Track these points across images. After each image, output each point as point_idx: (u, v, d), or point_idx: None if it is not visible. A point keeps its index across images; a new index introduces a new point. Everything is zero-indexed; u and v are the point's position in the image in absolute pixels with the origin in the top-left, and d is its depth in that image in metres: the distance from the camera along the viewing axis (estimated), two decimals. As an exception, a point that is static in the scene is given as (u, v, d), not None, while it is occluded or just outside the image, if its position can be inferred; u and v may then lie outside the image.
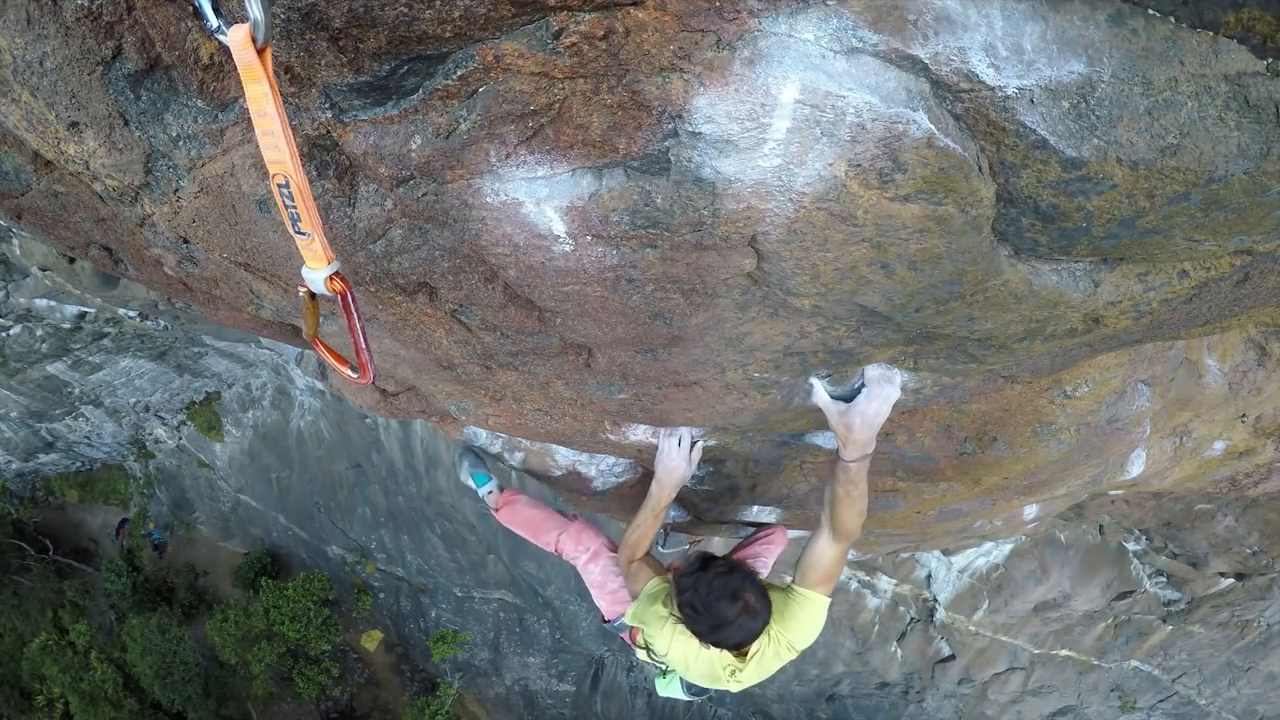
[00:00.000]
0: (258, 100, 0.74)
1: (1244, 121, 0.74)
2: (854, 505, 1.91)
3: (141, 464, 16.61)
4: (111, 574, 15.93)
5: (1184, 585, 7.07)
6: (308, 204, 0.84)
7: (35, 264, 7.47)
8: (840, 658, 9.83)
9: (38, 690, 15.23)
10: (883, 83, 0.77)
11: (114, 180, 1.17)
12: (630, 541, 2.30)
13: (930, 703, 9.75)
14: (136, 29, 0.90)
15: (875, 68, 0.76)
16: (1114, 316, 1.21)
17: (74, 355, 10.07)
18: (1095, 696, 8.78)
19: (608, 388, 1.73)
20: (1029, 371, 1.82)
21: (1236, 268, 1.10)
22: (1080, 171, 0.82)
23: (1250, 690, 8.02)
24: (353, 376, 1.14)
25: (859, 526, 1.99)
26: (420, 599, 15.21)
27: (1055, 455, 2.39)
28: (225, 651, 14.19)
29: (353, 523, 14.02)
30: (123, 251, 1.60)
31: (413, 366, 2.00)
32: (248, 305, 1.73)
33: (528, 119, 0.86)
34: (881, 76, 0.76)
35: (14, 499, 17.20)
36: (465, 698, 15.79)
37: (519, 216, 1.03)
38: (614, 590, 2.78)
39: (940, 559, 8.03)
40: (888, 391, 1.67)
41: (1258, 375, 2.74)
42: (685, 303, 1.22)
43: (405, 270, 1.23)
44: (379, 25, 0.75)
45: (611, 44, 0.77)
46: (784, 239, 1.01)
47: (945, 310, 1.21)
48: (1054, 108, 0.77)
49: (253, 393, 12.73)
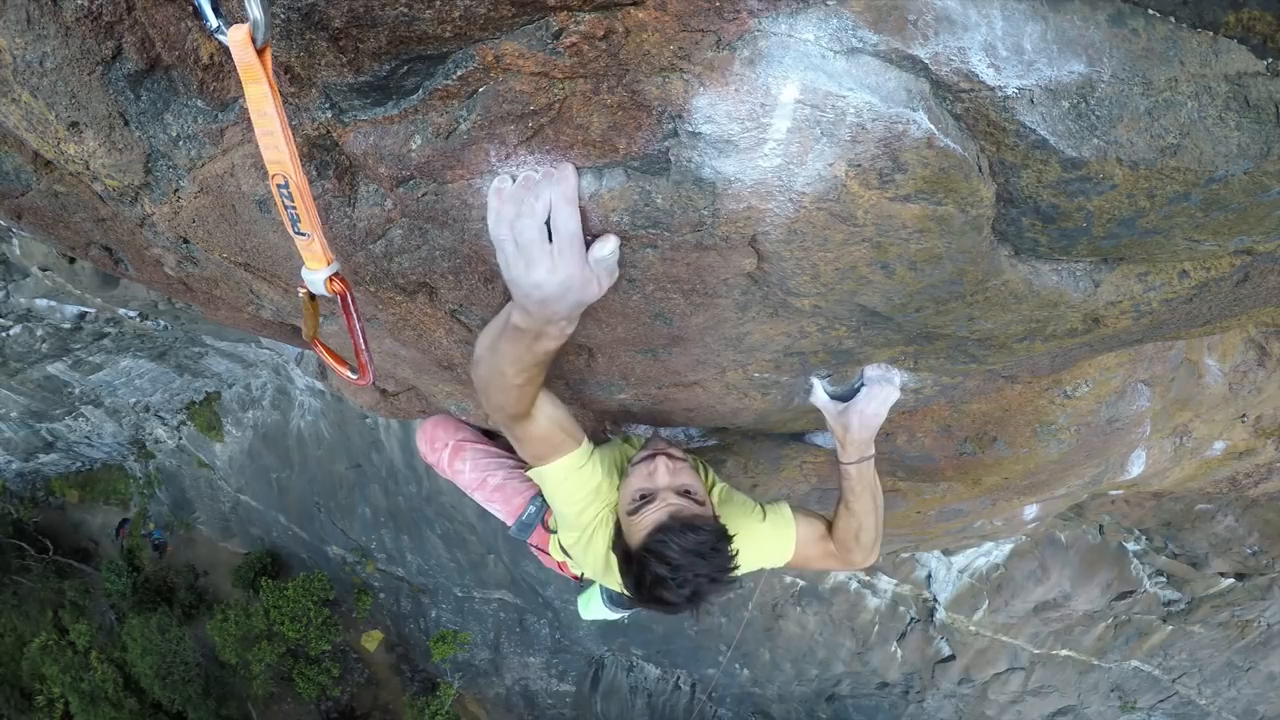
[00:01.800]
0: (257, 100, 0.74)
1: (1244, 121, 0.74)
2: (854, 518, 1.73)
3: (141, 464, 16.61)
4: (111, 574, 15.94)
5: (1184, 585, 7.07)
6: (307, 204, 0.84)
7: (35, 264, 7.47)
8: (840, 658, 9.84)
9: (38, 690, 15.23)
10: (883, 83, 0.77)
11: (114, 180, 1.17)
12: (493, 391, 1.30)
13: (930, 703, 9.75)
14: (136, 29, 0.90)
15: (875, 68, 0.76)
16: (1114, 316, 1.21)
17: (74, 355, 10.07)
18: (1095, 696, 8.78)
19: (608, 388, 1.73)
20: (1029, 371, 1.82)
21: (1236, 268, 1.10)
22: (1080, 171, 0.82)
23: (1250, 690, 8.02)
24: (352, 378, 1.14)
25: (864, 543, 1.75)
26: (420, 599, 15.21)
27: (1055, 455, 2.39)
28: (225, 651, 14.20)
29: (353, 523, 14.02)
30: (123, 251, 1.60)
31: (413, 366, 2.00)
32: (248, 305, 1.73)
33: (528, 119, 0.86)
34: (881, 76, 0.76)
35: (14, 499, 17.20)
36: (465, 698, 15.79)
37: (519, 216, 1.03)
38: (499, 484, 2.20)
39: (940, 559, 8.03)
40: (887, 392, 1.60)
41: (1258, 375, 2.74)
42: (685, 303, 1.22)
43: (405, 270, 1.23)
44: (379, 25, 0.75)
45: (611, 44, 0.77)
46: (784, 239, 1.01)
47: (945, 310, 1.21)
48: (1054, 108, 0.76)
49: (253, 393, 12.73)
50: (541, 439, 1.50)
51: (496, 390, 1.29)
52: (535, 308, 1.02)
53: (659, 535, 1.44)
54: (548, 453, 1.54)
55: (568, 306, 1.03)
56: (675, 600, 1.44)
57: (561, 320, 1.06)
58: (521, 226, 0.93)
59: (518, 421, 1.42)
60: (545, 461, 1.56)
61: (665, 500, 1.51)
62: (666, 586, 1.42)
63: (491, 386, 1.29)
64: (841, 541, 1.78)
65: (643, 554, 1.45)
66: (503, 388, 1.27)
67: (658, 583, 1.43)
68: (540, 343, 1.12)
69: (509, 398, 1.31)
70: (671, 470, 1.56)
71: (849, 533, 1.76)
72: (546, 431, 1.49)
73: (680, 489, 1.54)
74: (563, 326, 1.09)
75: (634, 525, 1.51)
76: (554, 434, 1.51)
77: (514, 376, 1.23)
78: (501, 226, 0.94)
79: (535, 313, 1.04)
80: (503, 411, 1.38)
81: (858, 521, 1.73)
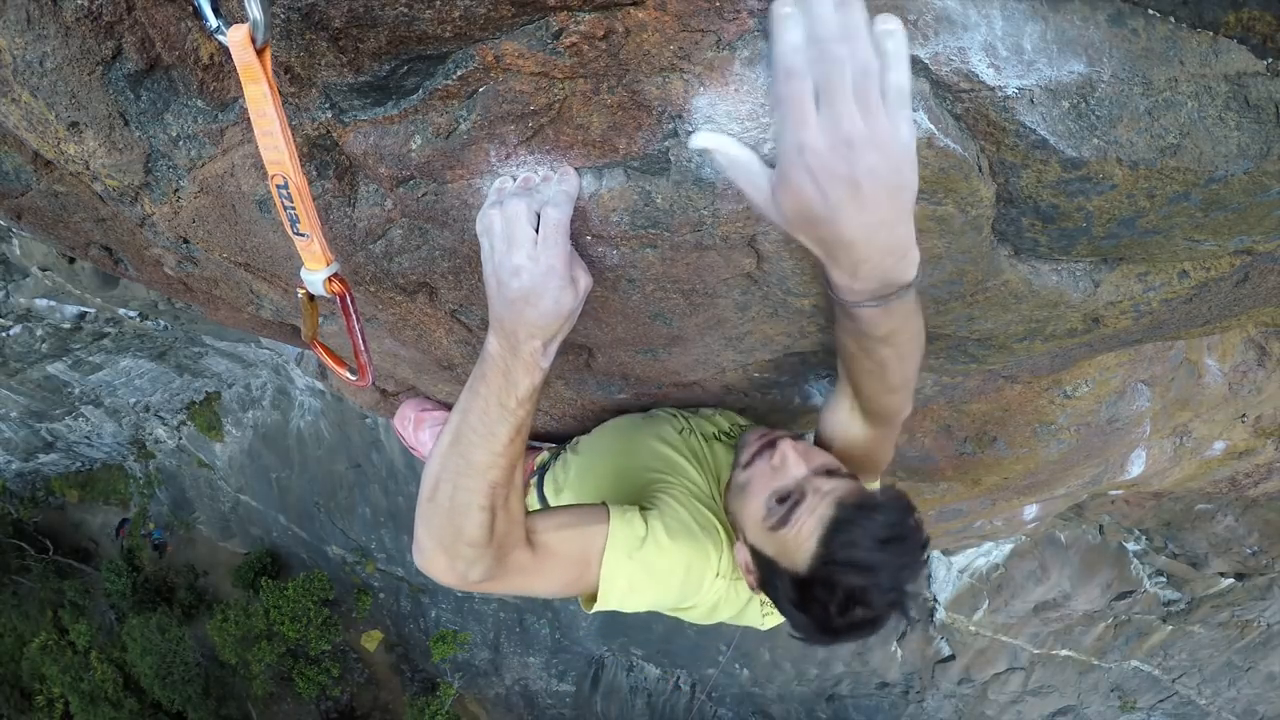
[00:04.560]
0: (257, 100, 0.74)
1: (1244, 121, 0.74)
2: (875, 379, 1.10)
3: (141, 464, 16.61)
4: (111, 574, 15.94)
5: (1184, 585, 7.07)
6: (306, 205, 0.84)
7: (35, 264, 7.47)
8: (840, 658, 9.83)
9: (38, 690, 15.24)
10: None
11: (114, 180, 1.17)
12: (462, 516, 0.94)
13: (930, 703, 9.75)
14: (136, 29, 0.90)
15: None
16: (1114, 316, 1.21)
17: (74, 355, 10.06)
18: (1095, 696, 8.78)
19: (608, 388, 1.73)
20: (1029, 371, 1.82)
21: (1236, 268, 1.10)
22: (1080, 171, 0.82)
23: (1250, 690, 8.02)
24: (351, 379, 1.14)
25: (902, 401, 1.18)
26: (420, 599, 15.21)
27: (1055, 455, 2.39)
28: (225, 651, 14.20)
29: (353, 523, 14.02)
30: (123, 251, 1.60)
31: (413, 366, 2.00)
32: (248, 305, 1.73)
33: (528, 119, 0.86)
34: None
35: (14, 499, 17.20)
36: (465, 698, 15.79)
37: (519, 216, 1.02)
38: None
39: (940, 559, 8.02)
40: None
41: (1258, 375, 2.74)
42: (685, 303, 1.22)
43: (405, 270, 1.23)
44: (379, 25, 0.75)
45: (611, 44, 0.77)
46: (784, 239, 1.01)
47: (945, 310, 1.21)
48: (1054, 108, 0.76)
49: (253, 393, 12.73)
50: (560, 553, 1.08)
51: (465, 513, 0.93)
52: (510, 311, 0.88)
53: (838, 536, 1.08)
54: (582, 564, 1.10)
55: (544, 314, 0.88)
56: (880, 612, 1.07)
57: (537, 338, 0.90)
58: (511, 208, 0.86)
59: (510, 559, 1.00)
60: (592, 578, 1.11)
61: (817, 490, 1.14)
62: (868, 599, 1.06)
63: (458, 511, 0.93)
64: (885, 411, 1.20)
65: (825, 570, 1.08)
66: (473, 500, 0.92)
67: (854, 599, 1.06)
68: (513, 376, 0.91)
69: (484, 520, 0.93)
70: (802, 452, 1.21)
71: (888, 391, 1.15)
72: (557, 537, 1.08)
73: (822, 470, 1.19)
74: (536, 350, 0.91)
75: (789, 542, 1.12)
76: (568, 532, 1.10)
77: (489, 470, 0.92)
78: (491, 210, 0.88)
79: (509, 319, 0.89)
80: (485, 551, 0.96)
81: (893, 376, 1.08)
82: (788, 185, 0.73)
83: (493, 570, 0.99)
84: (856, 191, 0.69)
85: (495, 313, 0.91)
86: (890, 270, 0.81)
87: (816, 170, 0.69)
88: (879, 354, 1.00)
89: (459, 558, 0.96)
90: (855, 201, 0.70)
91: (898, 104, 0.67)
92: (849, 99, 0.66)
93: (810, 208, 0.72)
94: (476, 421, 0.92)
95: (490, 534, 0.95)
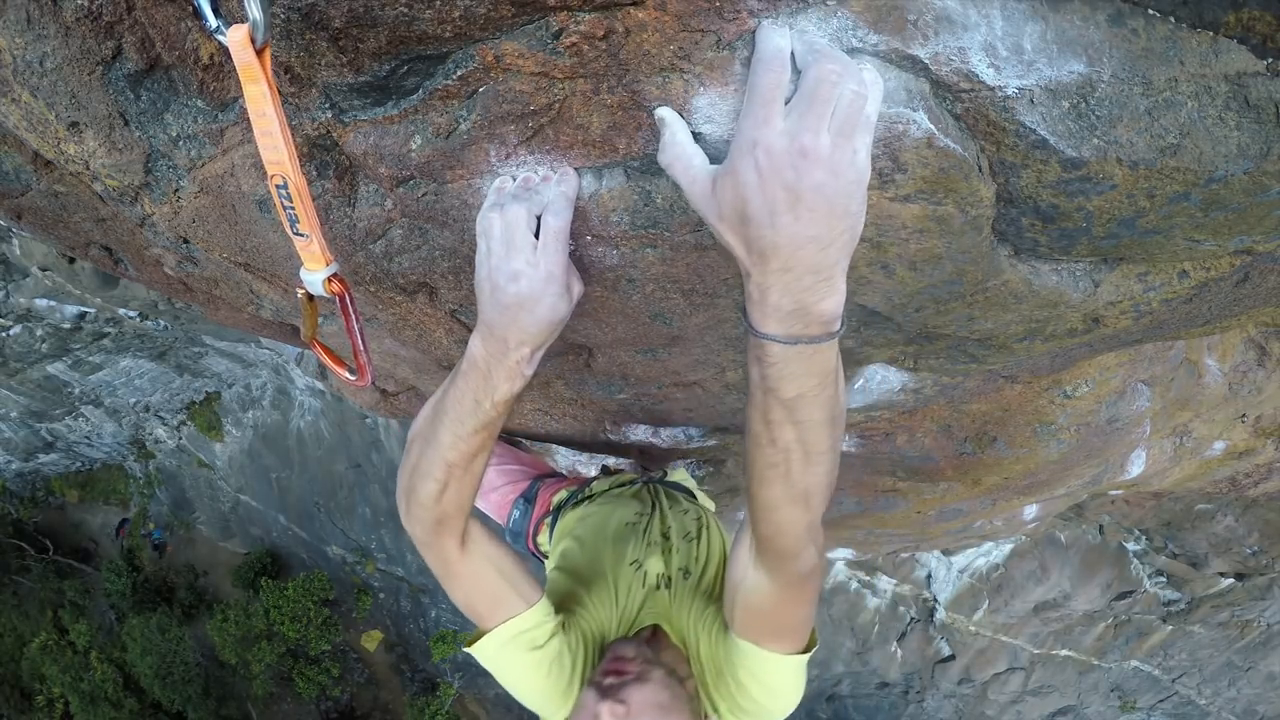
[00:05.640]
0: (256, 101, 0.74)
1: (1244, 121, 0.74)
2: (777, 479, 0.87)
3: (141, 464, 16.62)
4: (111, 574, 15.96)
5: (1184, 585, 7.07)
6: (306, 205, 0.84)
7: (35, 264, 7.47)
8: (840, 658, 9.84)
9: (38, 690, 15.25)
10: (883, 83, 0.77)
11: (114, 180, 1.17)
12: (419, 480, 1.06)
13: (930, 703, 9.75)
14: (136, 29, 0.90)
15: (875, 68, 0.76)
16: (1114, 316, 1.21)
17: (74, 355, 10.07)
18: (1095, 696, 8.79)
19: (608, 387, 1.73)
20: (1029, 371, 1.82)
21: (1236, 268, 1.10)
22: (1080, 171, 0.82)
23: (1250, 690, 8.02)
24: (351, 379, 1.14)
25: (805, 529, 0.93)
26: (420, 599, 15.21)
27: (1055, 455, 2.39)
28: (225, 651, 14.21)
29: (353, 523, 14.03)
30: (123, 251, 1.60)
31: (413, 366, 2.00)
32: (248, 305, 1.73)
33: (528, 119, 0.86)
34: (882, 76, 0.76)
35: (14, 499, 17.22)
36: (465, 698, 15.79)
37: (519, 216, 1.02)
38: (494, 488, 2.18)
39: (940, 559, 8.03)
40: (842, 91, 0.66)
41: (1258, 375, 2.74)
42: (685, 303, 1.22)
43: (405, 270, 1.23)
44: (379, 25, 0.75)
45: (611, 44, 0.77)
46: (784, 239, 1.01)
47: (945, 310, 1.21)
48: (1054, 108, 0.76)
49: (253, 393, 12.73)
50: (478, 580, 1.18)
51: (423, 478, 1.04)
52: (504, 316, 0.88)
53: None
54: (488, 608, 1.20)
55: (538, 320, 0.88)
56: None
57: (526, 345, 0.90)
58: (511, 213, 0.86)
59: (444, 537, 1.11)
60: (484, 626, 1.22)
61: None
62: None
63: (419, 473, 1.04)
64: (767, 540, 0.97)
65: None
66: (431, 470, 1.02)
67: None
68: (493, 381, 0.93)
69: (434, 489, 1.04)
70: None
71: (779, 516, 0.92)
72: (479, 573, 1.17)
73: None
74: (523, 357, 0.91)
75: None
76: (491, 580, 1.18)
77: (449, 450, 1.00)
78: (491, 212, 0.88)
79: (500, 324, 0.88)
80: (428, 514, 1.07)
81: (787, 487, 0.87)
82: (733, 176, 0.70)
83: (427, 538, 1.11)
84: (797, 202, 0.67)
85: (486, 317, 0.90)
86: (809, 293, 0.71)
87: (765, 170, 0.67)
88: (783, 438, 0.83)
89: (408, 510, 1.10)
90: (792, 211, 0.67)
91: (864, 130, 0.68)
92: (825, 115, 0.65)
93: (747, 204, 0.69)
94: (451, 406, 0.99)
95: (437, 503, 1.06)
